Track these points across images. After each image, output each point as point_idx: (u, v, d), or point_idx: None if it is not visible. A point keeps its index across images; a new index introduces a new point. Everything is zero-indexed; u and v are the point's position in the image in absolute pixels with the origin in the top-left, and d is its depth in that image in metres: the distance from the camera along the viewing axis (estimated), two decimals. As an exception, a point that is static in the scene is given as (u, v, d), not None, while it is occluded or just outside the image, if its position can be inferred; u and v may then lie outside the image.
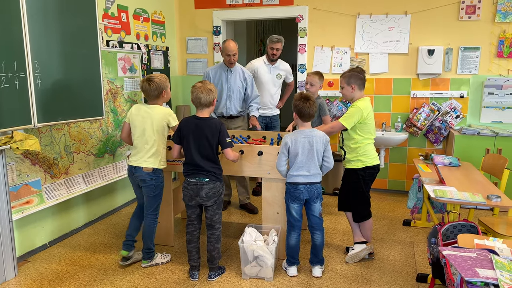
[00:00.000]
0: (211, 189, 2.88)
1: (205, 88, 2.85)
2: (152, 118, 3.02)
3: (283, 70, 4.73)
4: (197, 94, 2.85)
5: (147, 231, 3.13)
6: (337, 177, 4.79)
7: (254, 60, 4.77)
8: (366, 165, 3.16)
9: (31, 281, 2.97)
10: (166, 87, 3.08)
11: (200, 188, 2.87)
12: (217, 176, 2.92)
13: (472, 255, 1.82)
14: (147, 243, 3.14)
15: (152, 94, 3.03)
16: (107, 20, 4.12)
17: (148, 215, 3.13)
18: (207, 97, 2.85)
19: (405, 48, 4.72)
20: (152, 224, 3.15)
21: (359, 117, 3.06)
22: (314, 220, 3.00)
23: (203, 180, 2.87)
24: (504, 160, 3.41)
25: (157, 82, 3.01)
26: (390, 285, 2.90)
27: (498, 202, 2.72)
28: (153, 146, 3.03)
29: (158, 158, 3.07)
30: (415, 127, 4.75)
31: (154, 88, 3.00)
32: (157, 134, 3.04)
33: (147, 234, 3.13)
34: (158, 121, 3.02)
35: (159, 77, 3.05)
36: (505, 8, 4.34)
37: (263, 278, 2.98)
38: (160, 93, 3.04)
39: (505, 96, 4.46)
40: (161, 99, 3.09)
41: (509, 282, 1.60)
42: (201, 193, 2.87)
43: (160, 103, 3.10)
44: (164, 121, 3.04)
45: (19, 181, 3.20)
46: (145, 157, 3.04)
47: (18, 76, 2.84)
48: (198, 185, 2.87)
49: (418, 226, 3.96)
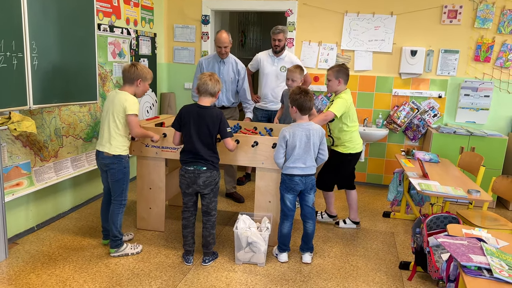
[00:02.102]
0: (208, 177, 2.95)
1: (214, 77, 2.94)
2: (114, 102, 2.97)
3: (289, 62, 4.51)
4: (206, 81, 2.91)
5: (111, 216, 3.07)
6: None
7: (260, 52, 4.74)
8: (349, 152, 3.58)
9: (23, 263, 2.96)
10: (145, 79, 3.04)
11: (197, 176, 2.93)
12: (215, 165, 2.99)
13: (464, 242, 1.99)
14: (113, 230, 3.07)
15: (128, 77, 2.99)
16: (99, 3, 4.06)
17: (114, 201, 3.08)
18: (214, 86, 2.92)
19: (389, 48, 4.91)
20: (116, 210, 3.07)
21: (346, 106, 3.44)
22: (307, 210, 3.13)
23: (201, 169, 2.93)
24: (480, 158, 3.66)
25: (139, 69, 3.00)
26: (375, 272, 3.08)
27: (478, 196, 2.94)
28: (109, 130, 2.99)
29: (114, 143, 2.99)
30: (395, 124, 4.97)
31: (133, 71, 2.98)
32: (113, 119, 2.97)
33: (111, 220, 3.06)
34: (117, 106, 2.96)
35: (144, 67, 3.05)
36: (484, 15, 4.60)
37: (255, 263, 3.09)
38: (136, 80, 3.00)
39: (479, 98, 4.74)
40: (134, 87, 3.03)
41: (499, 267, 1.77)
42: (198, 181, 2.94)
43: (131, 91, 3.03)
44: (121, 106, 2.95)
45: (10, 163, 3.15)
46: (103, 141, 3.01)
47: (16, 56, 2.79)
48: (196, 173, 2.93)
49: (398, 218, 4.19)
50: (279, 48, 4.50)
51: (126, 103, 2.93)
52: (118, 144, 3.01)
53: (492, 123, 4.80)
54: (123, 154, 3.06)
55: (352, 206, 3.83)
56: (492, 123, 4.80)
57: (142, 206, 3.59)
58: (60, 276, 2.81)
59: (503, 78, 4.69)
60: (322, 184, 3.76)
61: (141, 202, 3.59)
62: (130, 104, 2.94)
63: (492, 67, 4.70)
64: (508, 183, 3.22)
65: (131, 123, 2.95)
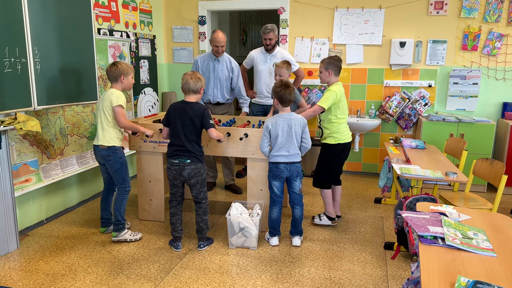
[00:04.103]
0: (193, 169, 3.16)
1: (195, 76, 3.16)
2: (104, 98, 3.28)
3: (281, 58, 4.58)
4: (187, 80, 3.14)
5: (116, 203, 3.39)
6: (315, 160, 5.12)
7: (254, 50, 4.90)
8: (338, 142, 3.61)
9: (33, 252, 3.22)
10: (127, 74, 3.31)
11: (182, 168, 3.15)
12: (198, 158, 3.18)
13: (426, 216, 2.17)
14: (116, 215, 3.38)
15: (111, 76, 3.28)
16: (98, 9, 4.31)
17: (118, 189, 3.40)
18: (195, 84, 3.14)
19: (379, 40, 5.07)
20: (121, 196, 3.38)
21: (334, 99, 3.50)
22: (294, 196, 3.32)
23: (185, 161, 3.14)
24: (464, 142, 3.81)
25: (118, 66, 3.27)
26: (361, 252, 3.26)
27: (455, 178, 3.10)
28: (101, 123, 3.28)
29: (107, 135, 3.27)
30: (387, 114, 5.12)
31: (113, 70, 3.26)
32: (103, 113, 3.26)
33: (116, 206, 3.39)
34: (105, 101, 3.24)
35: (123, 63, 3.32)
36: (469, 5, 4.73)
37: (248, 247, 3.30)
38: (119, 77, 3.28)
39: (468, 86, 4.86)
40: (119, 83, 3.31)
41: (453, 235, 1.95)
42: (183, 173, 3.16)
43: (119, 88, 3.31)
44: (108, 100, 3.23)
45: (18, 161, 3.41)
46: (98, 135, 3.32)
47: (20, 61, 3.04)
48: (181, 166, 3.15)
49: (388, 203, 4.36)
50: (271, 47, 4.65)
51: (111, 96, 3.22)
52: (111, 135, 3.29)
53: (482, 110, 4.93)
54: (117, 146, 3.33)
55: (336, 201, 3.83)
56: (482, 110, 4.93)
57: (143, 198, 3.83)
58: (67, 263, 3.06)
59: (491, 65, 4.81)
60: (318, 181, 3.74)
61: (142, 194, 3.83)
62: (115, 97, 3.23)
63: (479, 55, 4.82)
64: (487, 165, 3.37)
65: (116, 113, 3.23)
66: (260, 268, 3.01)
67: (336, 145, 3.65)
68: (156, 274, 2.91)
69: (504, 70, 4.79)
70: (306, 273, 2.95)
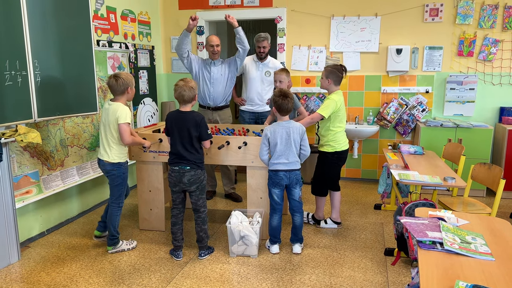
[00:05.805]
0: (192, 176, 3.18)
1: (187, 86, 3.15)
2: (108, 113, 3.25)
3: (272, 67, 4.71)
4: (180, 92, 3.14)
5: (110, 218, 3.37)
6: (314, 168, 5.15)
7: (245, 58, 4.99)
8: (335, 150, 3.66)
9: (35, 263, 3.22)
10: (131, 85, 3.32)
11: (182, 175, 3.18)
12: (198, 164, 3.21)
13: (424, 222, 2.18)
14: (110, 230, 3.38)
15: (118, 90, 3.26)
16: (97, 21, 4.35)
17: (111, 203, 3.39)
18: (189, 94, 3.15)
19: (375, 47, 5.12)
20: (115, 212, 3.38)
21: (333, 108, 3.53)
22: (294, 203, 3.34)
23: (185, 168, 3.17)
24: (462, 148, 3.83)
25: (123, 78, 3.25)
26: (361, 259, 3.27)
27: (453, 183, 3.12)
28: (107, 140, 3.29)
29: (112, 152, 3.29)
30: (385, 120, 5.15)
31: (120, 83, 3.24)
32: (109, 129, 3.25)
33: (110, 221, 3.37)
34: (111, 117, 3.23)
35: (125, 74, 3.31)
36: (464, 11, 4.78)
37: (248, 255, 3.30)
38: (126, 89, 3.27)
39: (465, 91, 4.91)
40: (125, 95, 3.31)
41: (451, 240, 1.96)
42: (183, 180, 3.18)
43: (123, 100, 3.30)
44: (114, 117, 3.21)
45: (19, 172, 3.43)
46: (102, 150, 3.32)
47: (20, 74, 3.07)
48: (181, 173, 3.18)
49: (388, 209, 4.37)
50: (264, 55, 4.71)
51: (117, 113, 3.21)
52: (116, 152, 3.30)
53: (479, 115, 4.96)
54: (122, 162, 3.34)
55: (335, 206, 3.88)
56: (479, 115, 4.96)
57: (143, 208, 3.84)
58: (68, 274, 3.07)
59: (487, 71, 4.86)
60: (316, 189, 3.84)
61: (142, 204, 3.84)
62: (122, 114, 3.20)
63: (475, 60, 4.87)
64: (485, 170, 3.39)
65: (122, 131, 3.22)
66: (261, 276, 3.01)
67: (333, 153, 3.70)
68: (157, 283, 2.92)
69: (500, 75, 4.84)
70: (307, 280, 2.95)
